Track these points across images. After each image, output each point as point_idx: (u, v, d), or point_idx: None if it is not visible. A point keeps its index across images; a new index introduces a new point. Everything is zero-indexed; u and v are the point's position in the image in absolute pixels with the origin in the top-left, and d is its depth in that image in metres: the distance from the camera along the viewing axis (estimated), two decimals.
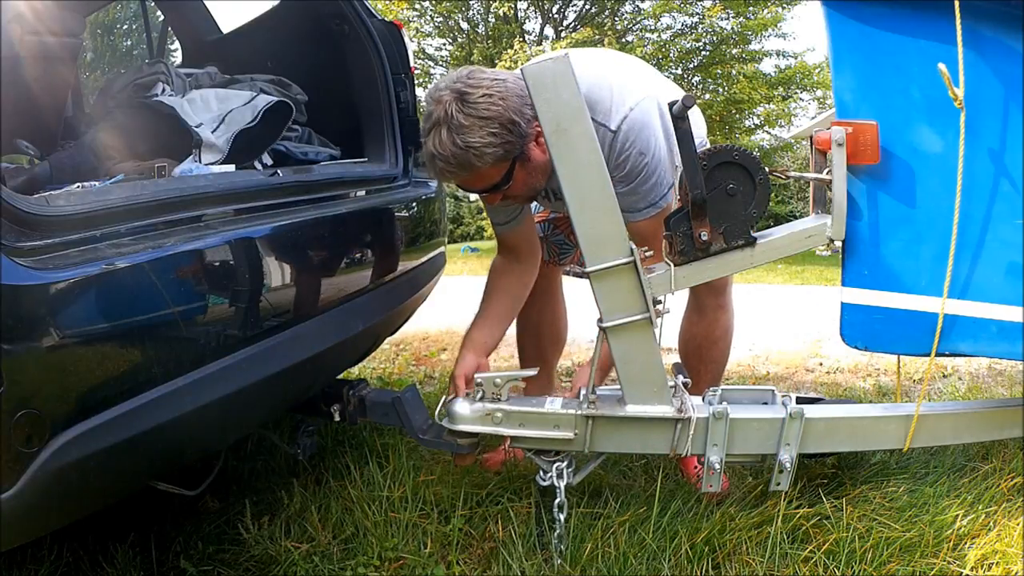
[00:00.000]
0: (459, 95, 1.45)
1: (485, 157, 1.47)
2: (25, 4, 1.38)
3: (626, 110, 1.59)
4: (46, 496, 0.93)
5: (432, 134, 1.47)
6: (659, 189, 1.65)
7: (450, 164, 1.48)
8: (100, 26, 3.28)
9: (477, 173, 1.51)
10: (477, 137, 1.45)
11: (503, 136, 1.47)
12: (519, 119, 1.48)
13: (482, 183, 1.55)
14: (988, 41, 1.43)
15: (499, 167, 1.52)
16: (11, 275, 0.88)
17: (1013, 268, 1.49)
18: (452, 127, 1.44)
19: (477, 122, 1.44)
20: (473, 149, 1.45)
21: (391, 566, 1.52)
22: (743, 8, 14.66)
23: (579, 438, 1.55)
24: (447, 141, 1.45)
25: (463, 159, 1.46)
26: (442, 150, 1.46)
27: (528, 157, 1.55)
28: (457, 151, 1.45)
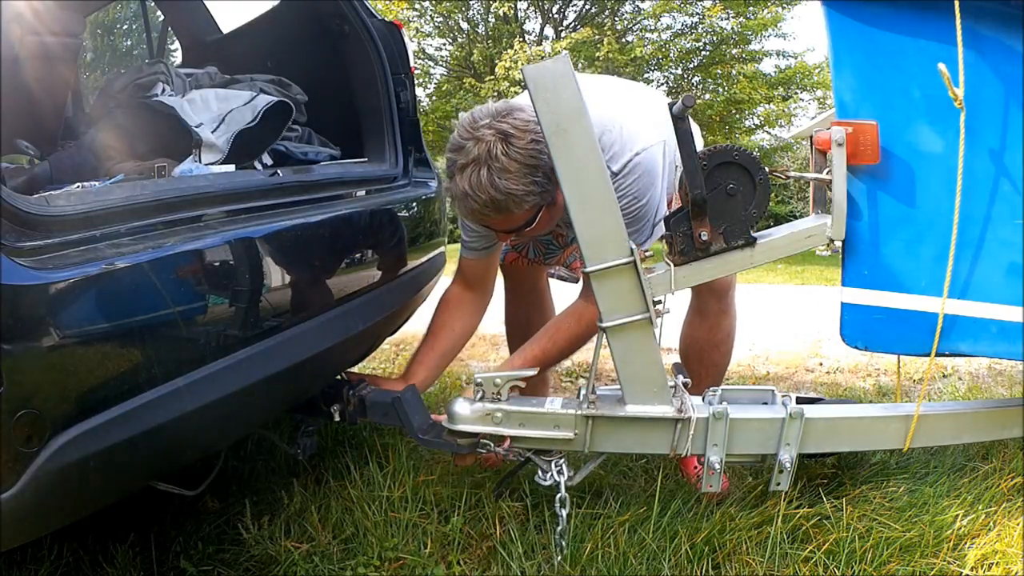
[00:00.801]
0: (504, 136, 1.44)
1: (524, 204, 1.47)
2: (25, 4, 1.38)
3: (631, 154, 1.58)
4: (46, 496, 0.93)
5: (469, 172, 1.44)
6: (643, 232, 1.64)
7: (485, 206, 1.46)
8: (100, 26, 3.28)
9: (507, 217, 1.51)
10: (520, 184, 1.44)
11: (543, 184, 1.48)
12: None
13: (507, 225, 1.55)
14: (988, 41, 1.44)
15: (529, 210, 1.52)
16: (11, 275, 0.88)
17: (1013, 268, 1.49)
18: (494, 169, 1.42)
19: (522, 168, 1.44)
20: (513, 196, 1.44)
21: (391, 566, 1.52)
22: (743, 8, 14.67)
23: (579, 438, 1.55)
24: (487, 183, 1.43)
25: (501, 204, 1.45)
26: (480, 192, 1.44)
27: (555, 202, 1.55)
28: (497, 195, 1.44)
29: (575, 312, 1.70)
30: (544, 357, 1.70)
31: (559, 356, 1.76)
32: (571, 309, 1.71)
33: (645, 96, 1.87)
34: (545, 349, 1.69)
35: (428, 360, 1.82)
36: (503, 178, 1.43)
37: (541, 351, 1.69)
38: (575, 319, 1.69)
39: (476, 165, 1.43)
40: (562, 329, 1.70)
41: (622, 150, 1.59)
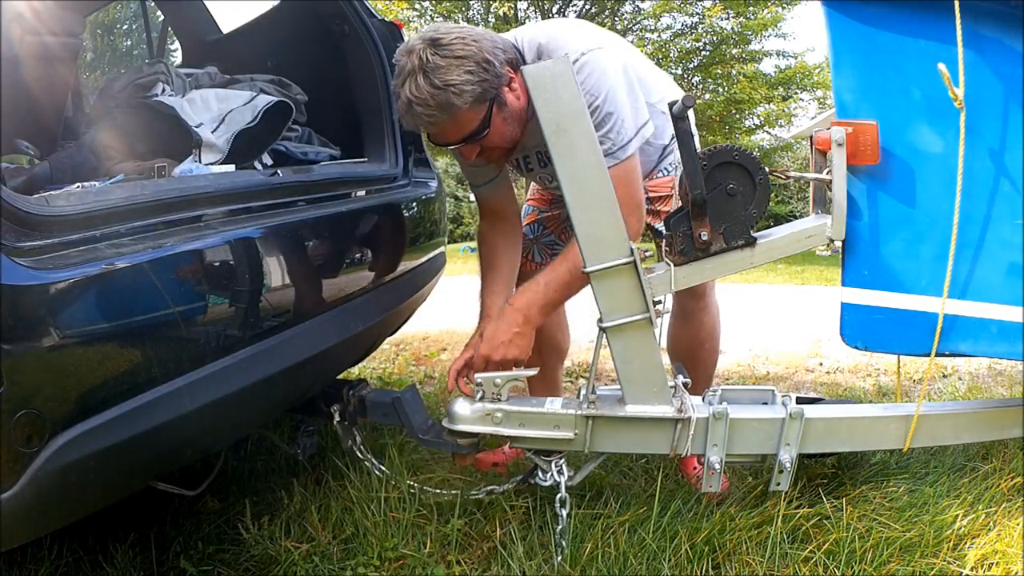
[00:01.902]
0: (431, 41, 1.47)
1: (464, 95, 1.46)
2: (25, 4, 1.38)
3: (578, 53, 1.55)
4: (46, 496, 0.93)
5: (407, 83, 1.47)
6: (619, 131, 1.56)
7: (429, 107, 1.46)
8: (100, 26, 3.28)
9: (456, 117, 1.49)
10: (456, 75, 1.45)
11: (480, 75, 1.47)
12: (493, 59, 1.49)
13: (460, 131, 1.54)
14: (988, 41, 1.44)
15: (477, 110, 1.51)
16: (11, 275, 0.88)
17: (1013, 268, 1.49)
18: (428, 70, 1.44)
19: (453, 62, 1.45)
20: (452, 87, 1.45)
21: (391, 566, 1.52)
22: (743, 8, 14.65)
23: (579, 438, 1.55)
24: (424, 84, 1.45)
25: (443, 99, 1.45)
26: (419, 94, 1.45)
27: (504, 101, 1.55)
28: (436, 91, 1.45)
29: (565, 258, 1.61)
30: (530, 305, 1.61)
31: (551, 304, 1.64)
32: (562, 256, 1.63)
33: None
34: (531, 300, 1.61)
35: (498, 288, 1.83)
36: (438, 74, 1.45)
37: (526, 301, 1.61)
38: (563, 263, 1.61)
39: (412, 75, 1.46)
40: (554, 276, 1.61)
41: (572, 50, 1.56)
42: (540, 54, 1.59)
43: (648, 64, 1.85)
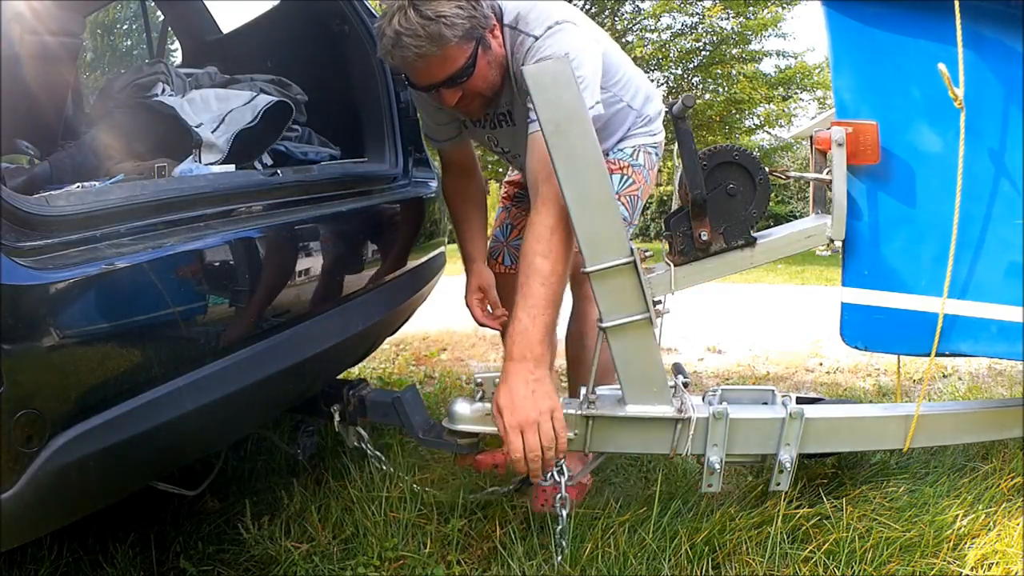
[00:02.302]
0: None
1: (456, 27, 1.45)
2: (25, 4, 1.38)
3: (552, 22, 1.57)
4: (46, 496, 0.93)
5: (396, 17, 1.44)
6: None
7: (419, 38, 1.44)
8: (100, 26, 3.28)
9: (445, 52, 1.48)
10: (446, 7, 1.44)
11: (469, 10, 1.47)
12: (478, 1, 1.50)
13: (447, 68, 1.51)
14: (988, 41, 1.44)
15: (465, 47, 1.50)
16: (11, 275, 0.88)
17: (1013, 268, 1.49)
18: (418, 3, 1.43)
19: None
20: (444, 18, 1.44)
21: (391, 566, 1.52)
22: (743, 8, 14.65)
23: (579, 438, 1.55)
24: (414, 16, 1.43)
25: (434, 30, 1.44)
26: (409, 24, 1.43)
27: (490, 45, 1.56)
28: (427, 22, 1.43)
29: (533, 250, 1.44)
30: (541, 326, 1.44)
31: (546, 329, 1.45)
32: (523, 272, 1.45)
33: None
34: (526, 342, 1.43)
35: (474, 233, 1.96)
36: (428, 5, 1.43)
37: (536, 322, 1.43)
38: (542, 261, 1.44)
39: (401, 9, 1.44)
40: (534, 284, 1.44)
41: (545, 19, 1.58)
42: (517, 20, 1.60)
43: (617, 50, 1.85)
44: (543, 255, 1.43)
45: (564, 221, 1.44)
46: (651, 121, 1.90)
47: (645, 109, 1.88)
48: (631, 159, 1.84)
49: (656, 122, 1.91)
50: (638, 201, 1.87)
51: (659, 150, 1.93)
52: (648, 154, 1.88)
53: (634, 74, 1.86)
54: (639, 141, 1.87)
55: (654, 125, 1.91)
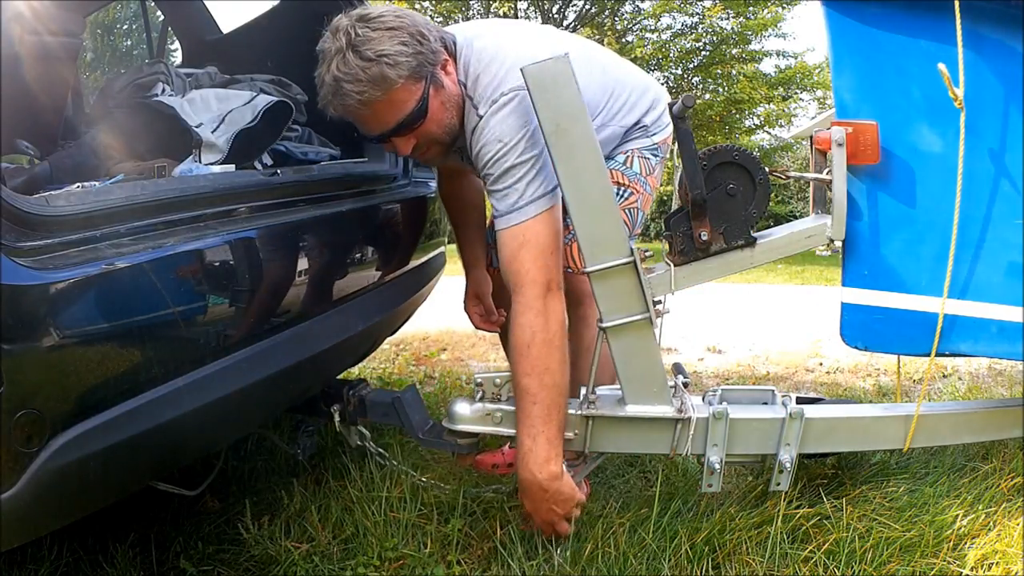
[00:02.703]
0: (359, 18, 1.36)
1: (400, 67, 1.34)
2: (25, 4, 1.38)
3: (498, 94, 1.41)
4: (46, 496, 0.93)
5: (333, 63, 1.33)
6: (522, 188, 1.39)
7: (360, 82, 1.33)
8: (100, 26, 3.28)
9: (391, 95, 1.36)
10: (388, 46, 1.33)
11: (414, 46, 1.36)
12: (427, 33, 1.38)
13: (396, 112, 1.39)
14: (988, 41, 1.44)
15: (413, 88, 1.37)
16: (11, 275, 0.88)
17: (1013, 268, 1.49)
18: (357, 44, 1.32)
19: (385, 33, 1.34)
20: (386, 57, 1.32)
21: (391, 566, 1.52)
22: (743, 8, 14.66)
23: (579, 438, 1.55)
24: (353, 59, 1.32)
25: (375, 72, 1.32)
26: (349, 69, 1.32)
27: (442, 84, 1.43)
28: (368, 63, 1.32)
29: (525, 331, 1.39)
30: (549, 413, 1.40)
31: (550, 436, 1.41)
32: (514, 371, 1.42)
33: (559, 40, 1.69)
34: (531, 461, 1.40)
35: (471, 236, 1.89)
36: (368, 46, 1.32)
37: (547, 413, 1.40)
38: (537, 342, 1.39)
39: (339, 53, 1.33)
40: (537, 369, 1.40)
41: (495, 89, 1.42)
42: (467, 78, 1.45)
43: (602, 68, 1.70)
44: (526, 374, 1.39)
45: (541, 329, 1.37)
46: (647, 127, 1.76)
47: (643, 119, 1.74)
48: (624, 168, 1.72)
49: (654, 125, 1.77)
50: (639, 213, 1.76)
51: (659, 150, 1.79)
52: (644, 159, 1.75)
53: (624, 87, 1.70)
54: (632, 146, 1.74)
55: (651, 127, 1.77)
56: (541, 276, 1.39)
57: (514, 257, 1.40)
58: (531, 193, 1.40)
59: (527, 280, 1.38)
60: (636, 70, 1.84)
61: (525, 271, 1.38)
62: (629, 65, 1.84)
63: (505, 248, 1.41)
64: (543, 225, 1.40)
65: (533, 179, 1.40)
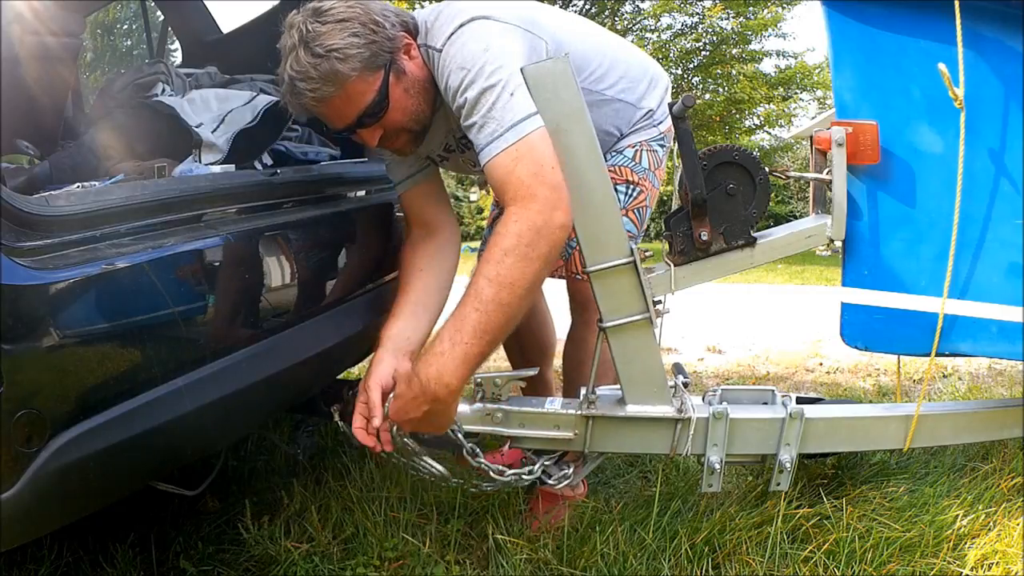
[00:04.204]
0: (312, 12, 1.31)
1: (351, 60, 1.29)
2: (25, 4, 1.38)
3: (455, 26, 1.35)
4: (46, 496, 0.93)
5: (289, 60, 1.30)
6: (499, 114, 1.28)
7: (312, 80, 1.28)
8: (100, 26, 3.28)
9: (346, 88, 1.31)
10: (338, 39, 1.28)
11: (367, 36, 1.30)
12: (383, 20, 1.33)
13: (354, 105, 1.34)
14: (988, 41, 1.44)
15: (370, 79, 1.32)
16: (11, 275, 0.88)
17: (1013, 268, 1.49)
18: (308, 40, 1.28)
19: (335, 26, 1.29)
20: (336, 51, 1.27)
21: (391, 566, 1.52)
22: (743, 8, 14.66)
23: (579, 438, 1.55)
24: (304, 56, 1.28)
25: (326, 69, 1.28)
26: (301, 67, 1.28)
27: (403, 70, 1.37)
28: (318, 60, 1.27)
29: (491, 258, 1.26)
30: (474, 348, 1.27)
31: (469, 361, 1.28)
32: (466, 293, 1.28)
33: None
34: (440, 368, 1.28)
35: (399, 312, 1.52)
36: (319, 41, 1.28)
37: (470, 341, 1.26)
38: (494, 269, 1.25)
39: (292, 50, 1.30)
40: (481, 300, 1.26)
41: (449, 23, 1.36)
42: (426, 35, 1.41)
43: (595, 38, 1.64)
44: (487, 278, 1.25)
45: (528, 244, 1.24)
46: (652, 112, 1.70)
47: (643, 101, 1.68)
48: (633, 164, 1.68)
49: (659, 111, 1.71)
50: (646, 211, 1.72)
51: (665, 140, 1.73)
52: (652, 152, 1.70)
53: (623, 60, 1.65)
54: (640, 138, 1.69)
55: (657, 115, 1.71)
56: (542, 191, 1.25)
57: (510, 174, 1.26)
58: (511, 117, 1.28)
59: (527, 194, 1.25)
60: (632, 47, 1.76)
61: (526, 186, 1.25)
62: (624, 42, 1.77)
63: (498, 171, 1.28)
64: (536, 141, 1.28)
65: (509, 101, 1.28)
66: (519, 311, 1.29)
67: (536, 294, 1.40)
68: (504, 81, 1.29)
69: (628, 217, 1.66)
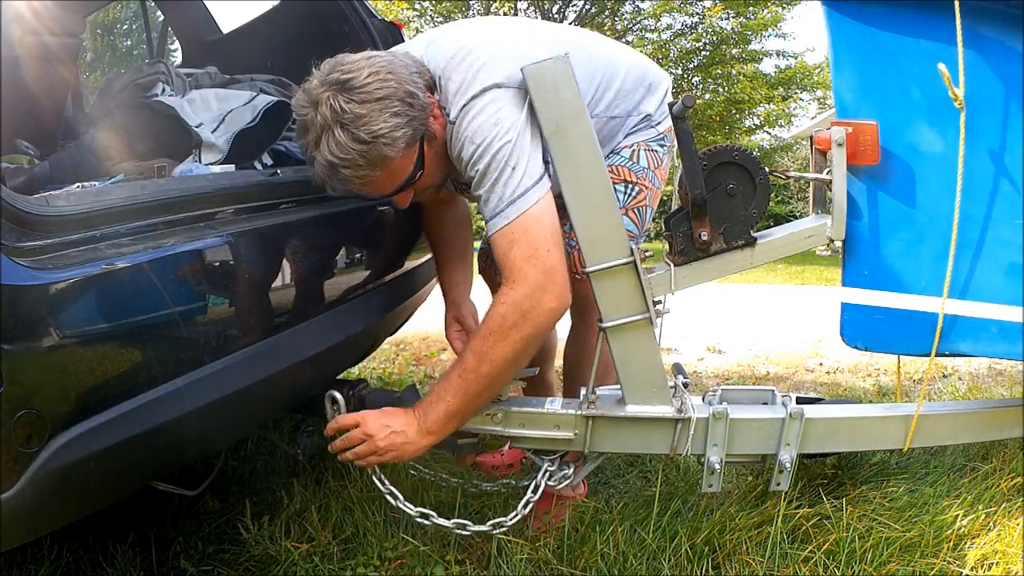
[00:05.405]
0: (340, 85, 1.27)
1: (398, 143, 1.29)
2: (25, 4, 1.38)
3: (467, 98, 1.35)
4: (46, 496, 0.93)
5: (324, 143, 1.26)
6: (500, 190, 1.34)
7: (360, 167, 1.28)
8: (100, 26, 3.28)
9: (391, 168, 1.33)
10: (382, 122, 1.26)
11: (407, 113, 1.29)
12: (415, 89, 1.31)
13: (395, 181, 1.37)
14: (988, 41, 1.44)
15: (410, 153, 1.34)
16: (11, 275, 0.88)
17: (1013, 268, 1.49)
18: (346, 123, 1.25)
19: (375, 106, 1.26)
20: (382, 137, 1.26)
21: (391, 566, 1.52)
22: (743, 8, 14.67)
23: (579, 438, 1.55)
24: (347, 140, 1.25)
25: (374, 154, 1.27)
26: (344, 153, 1.26)
27: (433, 135, 1.38)
28: (365, 147, 1.26)
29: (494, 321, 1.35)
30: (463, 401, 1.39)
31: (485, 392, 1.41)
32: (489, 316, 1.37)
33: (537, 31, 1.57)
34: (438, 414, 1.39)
35: (454, 262, 1.77)
36: (361, 125, 1.25)
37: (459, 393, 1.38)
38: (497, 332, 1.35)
39: (327, 130, 1.26)
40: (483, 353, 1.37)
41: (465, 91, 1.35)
42: (440, 89, 1.39)
43: (589, 53, 1.61)
44: (473, 350, 1.37)
45: (512, 327, 1.33)
46: (650, 116, 1.70)
47: (639, 107, 1.68)
48: (630, 163, 1.67)
49: (658, 113, 1.71)
50: (647, 210, 1.71)
51: (665, 140, 1.72)
52: (651, 151, 1.69)
53: (619, 76, 1.64)
54: (637, 139, 1.69)
55: (655, 116, 1.71)
56: (533, 275, 1.33)
57: (505, 256, 1.36)
58: (511, 192, 1.34)
59: (519, 278, 1.34)
60: (630, 53, 1.74)
61: (518, 269, 1.34)
62: (621, 48, 1.75)
63: (497, 250, 1.38)
64: (532, 220, 1.34)
65: (511, 177, 1.34)
66: (500, 381, 1.43)
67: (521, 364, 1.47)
68: (508, 155, 1.33)
69: (628, 216, 1.66)
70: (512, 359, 1.37)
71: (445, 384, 1.40)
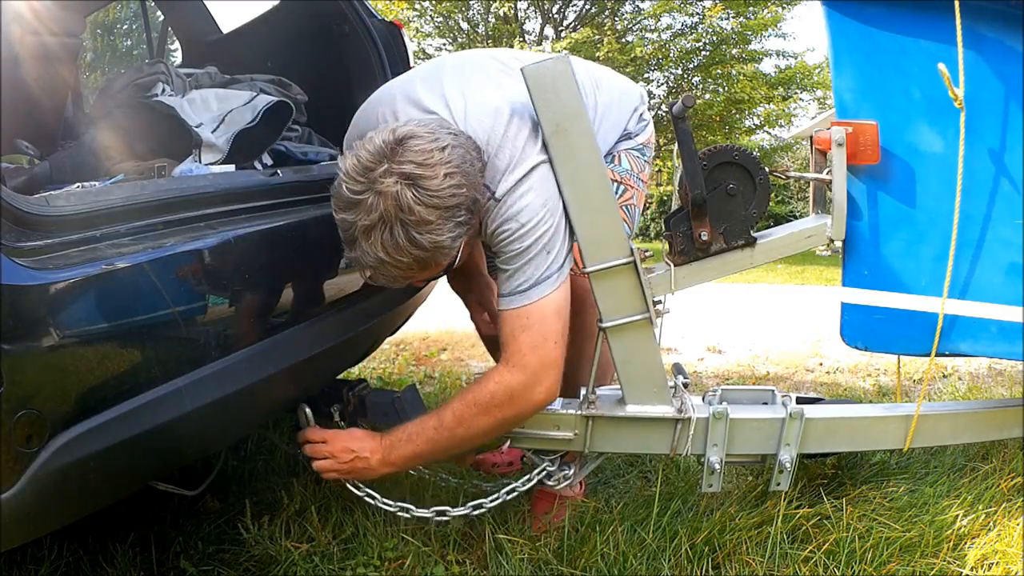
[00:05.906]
0: (412, 180, 1.18)
1: (454, 251, 1.26)
2: (25, 4, 1.38)
3: (519, 176, 1.33)
4: (46, 496, 0.93)
5: (378, 234, 1.18)
6: (529, 271, 1.33)
7: (411, 269, 1.24)
8: (100, 26, 3.28)
9: (436, 268, 1.31)
10: (446, 233, 1.20)
11: (469, 221, 1.26)
12: (479, 196, 1.27)
13: (432, 274, 1.36)
14: (988, 41, 1.44)
15: (457, 251, 1.30)
16: (11, 275, 0.88)
17: (1013, 268, 1.49)
18: (410, 224, 1.18)
19: (443, 215, 1.20)
20: (442, 248, 1.22)
21: (391, 566, 1.52)
22: (743, 8, 14.68)
23: (579, 438, 1.55)
24: (406, 243, 1.18)
25: (428, 260, 1.24)
26: (401, 256, 1.20)
27: (476, 230, 1.35)
28: (422, 252, 1.21)
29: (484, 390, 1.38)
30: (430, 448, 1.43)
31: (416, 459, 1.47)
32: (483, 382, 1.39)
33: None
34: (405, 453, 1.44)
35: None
36: (425, 232, 1.18)
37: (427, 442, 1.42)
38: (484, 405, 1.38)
39: (385, 224, 1.18)
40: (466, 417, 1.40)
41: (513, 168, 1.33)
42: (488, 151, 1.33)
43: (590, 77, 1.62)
44: (454, 412, 1.40)
45: (498, 407, 1.36)
46: (628, 132, 1.71)
47: (626, 128, 1.70)
48: (612, 164, 1.66)
49: (635, 128, 1.72)
50: (634, 209, 1.71)
51: (645, 150, 1.73)
52: (633, 157, 1.70)
53: (602, 107, 1.60)
54: (617, 148, 1.69)
55: (632, 131, 1.71)
56: (533, 365, 1.35)
57: (512, 337, 1.35)
58: (539, 275, 1.33)
59: (520, 363, 1.35)
60: (614, 82, 1.72)
61: (522, 354, 1.35)
62: (607, 79, 1.70)
63: (505, 327, 1.37)
64: (550, 307, 1.35)
65: (543, 260, 1.34)
66: (471, 446, 1.49)
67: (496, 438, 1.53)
68: (550, 239, 1.35)
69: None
70: (489, 432, 1.44)
71: (420, 428, 1.43)
